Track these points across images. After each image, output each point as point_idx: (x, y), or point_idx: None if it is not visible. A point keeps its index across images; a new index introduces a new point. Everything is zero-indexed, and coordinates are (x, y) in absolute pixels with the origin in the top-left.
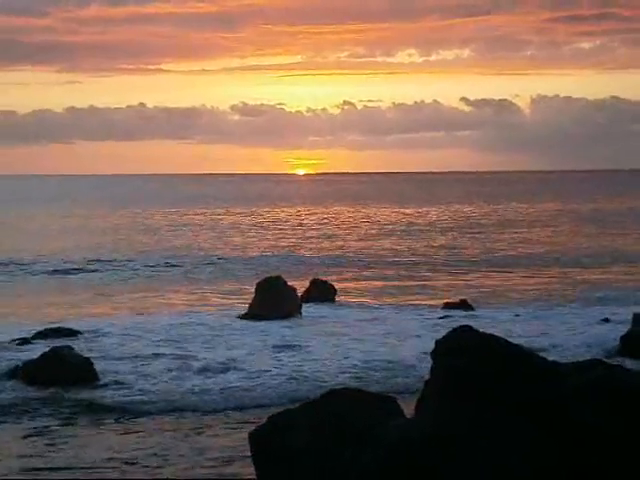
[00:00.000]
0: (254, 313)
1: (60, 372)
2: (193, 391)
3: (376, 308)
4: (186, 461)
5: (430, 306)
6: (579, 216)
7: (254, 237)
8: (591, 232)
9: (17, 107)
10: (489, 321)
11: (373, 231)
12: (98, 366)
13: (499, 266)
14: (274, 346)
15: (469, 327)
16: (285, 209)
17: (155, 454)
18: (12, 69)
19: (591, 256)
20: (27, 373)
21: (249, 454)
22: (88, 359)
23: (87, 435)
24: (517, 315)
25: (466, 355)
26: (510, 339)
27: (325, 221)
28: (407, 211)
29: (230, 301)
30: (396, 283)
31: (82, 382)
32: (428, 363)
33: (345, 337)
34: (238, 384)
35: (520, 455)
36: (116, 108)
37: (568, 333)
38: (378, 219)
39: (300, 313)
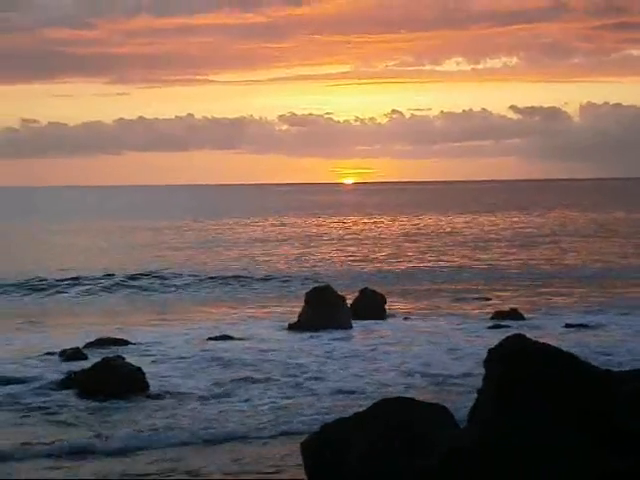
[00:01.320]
0: (304, 324)
1: (112, 382)
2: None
3: (426, 318)
4: None
5: (480, 315)
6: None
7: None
8: None
9: (67, 119)
10: (540, 330)
11: (421, 242)
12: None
13: (549, 277)
14: (343, 357)
15: (521, 335)
16: (339, 218)
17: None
18: (62, 81)
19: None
20: (79, 383)
21: (300, 463)
22: (140, 369)
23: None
24: (568, 324)
25: (519, 363)
26: (562, 347)
27: (374, 231)
28: (458, 220)
29: (275, 312)
30: (445, 293)
31: (133, 392)
32: (481, 372)
33: (397, 346)
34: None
35: (572, 463)
36: (165, 119)
37: (620, 342)
38: (426, 229)
39: (350, 323)
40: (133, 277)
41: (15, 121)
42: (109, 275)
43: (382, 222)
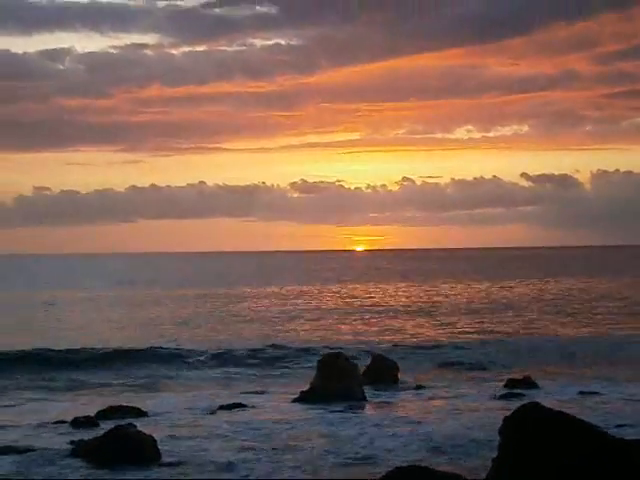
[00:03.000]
0: (316, 392)
1: (123, 450)
2: None
3: (439, 387)
4: None
5: (494, 383)
6: None
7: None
8: None
9: (79, 187)
10: (554, 397)
11: (433, 309)
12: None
13: (561, 346)
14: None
15: (536, 403)
16: (352, 286)
17: None
18: (74, 149)
19: None
20: (89, 451)
21: None
22: (152, 437)
23: None
24: (581, 392)
25: (534, 431)
26: (576, 415)
27: (386, 299)
28: (469, 288)
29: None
30: (457, 361)
31: (145, 461)
32: (496, 440)
33: (410, 416)
34: None
35: None
36: (177, 186)
37: (635, 410)
38: (438, 297)
39: (363, 392)
40: (148, 349)
41: (27, 189)
42: (126, 350)
43: (393, 290)
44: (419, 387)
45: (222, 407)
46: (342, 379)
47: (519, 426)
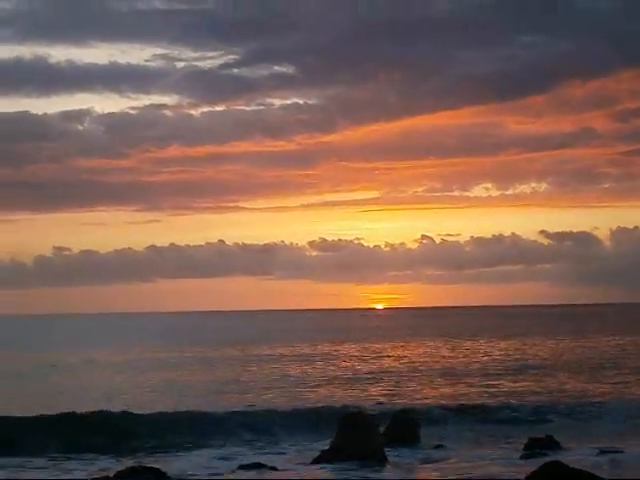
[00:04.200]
0: (336, 451)
1: None
2: None
3: (459, 446)
4: None
5: (515, 443)
6: None
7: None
8: None
9: (98, 246)
10: (575, 456)
11: (454, 368)
12: None
13: (581, 405)
14: None
15: (558, 462)
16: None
17: None
18: (93, 209)
19: None
20: None
21: None
22: None
23: None
24: (602, 451)
25: None
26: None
27: (406, 358)
28: (489, 346)
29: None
30: (478, 420)
31: None
32: None
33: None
34: None
35: None
36: (196, 245)
37: None
38: (457, 355)
39: (383, 452)
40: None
41: (47, 249)
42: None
43: (411, 348)
44: (439, 447)
45: (242, 467)
46: (362, 438)
47: None
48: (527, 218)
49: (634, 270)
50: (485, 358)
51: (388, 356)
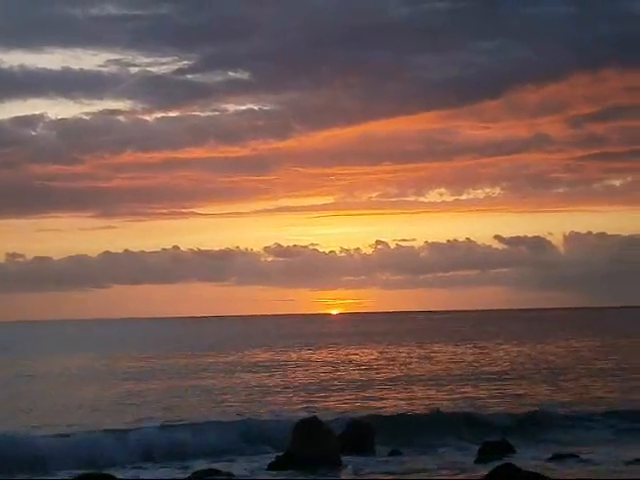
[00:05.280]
0: (291, 457)
1: None
2: None
3: (413, 452)
4: None
5: (469, 447)
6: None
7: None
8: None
9: (52, 253)
10: (528, 460)
11: (410, 374)
12: None
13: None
14: None
15: (511, 465)
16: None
17: None
18: (47, 216)
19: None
20: None
21: None
22: None
23: None
24: (559, 455)
25: None
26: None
27: (361, 363)
28: (446, 350)
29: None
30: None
31: None
32: None
33: None
34: None
35: None
36: (150, 252)
37: (611, 472)
38: (413, 360)
39: (339, 458)
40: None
41: (0, 256)
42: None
43: (368, 354)
44: (395, 452)
45: (196, 473)
46: (317, 444)
47: None
48: (481, 223)
49: (586, 275)
50: (440, 364)
51: (344, 362)
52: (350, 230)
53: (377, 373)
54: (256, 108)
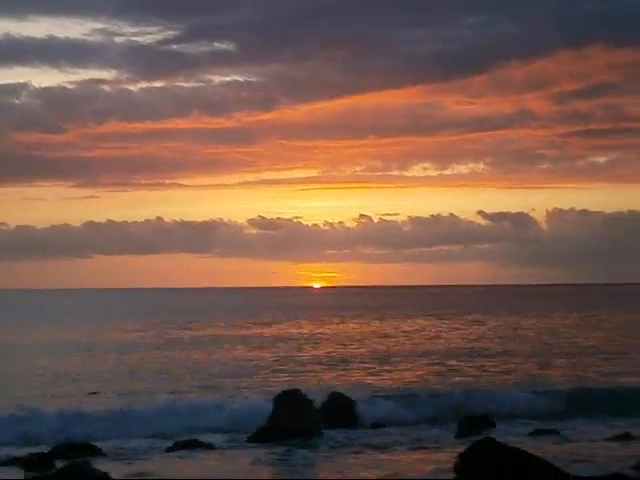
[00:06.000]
0: (272, 428)
1: None
2: None
3: (396, 424)
4: None
5: (451, 422)
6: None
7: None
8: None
9: (35, 222)
10: (510, 435)
11: (395, 347)
12: None
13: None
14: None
15: (491, 439)
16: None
17: None
18: (30, 185)
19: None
20: None
21: None
22: (107, 474)
23: None
24: (538, 430)
25: (489, 467)
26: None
27: (342, 335)
28: (444, 325)
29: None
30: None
31: None
32: (451, 477)
33: (365, 454)
34: None
35: None
36: (133, 222)
37: (591, 449)
38: (401, 333)
39: (320, 429)
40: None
41: None
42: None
43: (348, 325)
44: (376, 425)
45: (177, 444)
46: (298, 415)
47: (473, 462)
48: (465, 198)
49: (569, 252)
50: (427, 340)
51: (327, 337)
52: (334, 204)
53: (357, 348)
54: (241, 80)
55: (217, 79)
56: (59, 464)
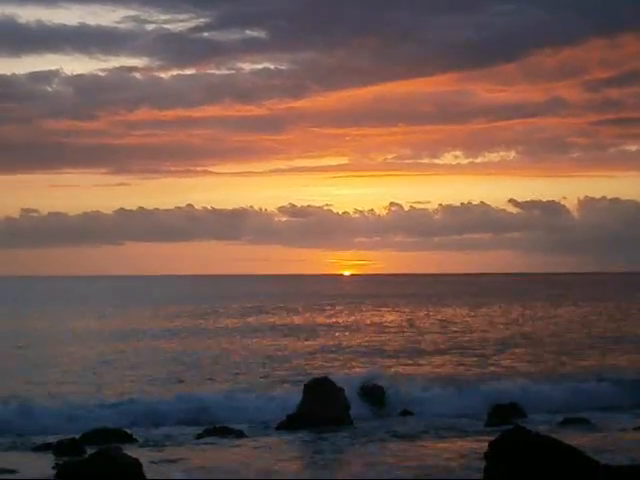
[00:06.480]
0: (301, 416)
1: (107, 474)
2: None
3: (425, 412)
4: None
5: (480, 408)
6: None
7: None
8: None
9: (67, 209)
10: (540, 424)
11: (427, 334)
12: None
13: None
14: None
15: (522, 427)
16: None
17: None
18: (62, 172)
19: None
20: (74, 475)
21: None
22: (137, 460)
23: None
24: (567, 418)
25: (519, 455)
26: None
27: (374, 323)
28: (459, 312)
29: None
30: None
31: None
32: (481, 465)
33: (394, 442)
34: None
35: None
36: (164, 209)
37: (619, 439)
38: (430, 321)
39: (350, 417)
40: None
41: (15, 211)
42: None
43: (381, 314)
44: (406, 414)
45: (207, 431)
46: (327, 403)
47: (504, 450)
48: (496, 187)
49: (600, 240)
50: (461, 329)
51: (364, 324)
52: (364, 191)
53: (392, 338)
54: (272, 67)
55: (248, 67)
56: (90, 450)
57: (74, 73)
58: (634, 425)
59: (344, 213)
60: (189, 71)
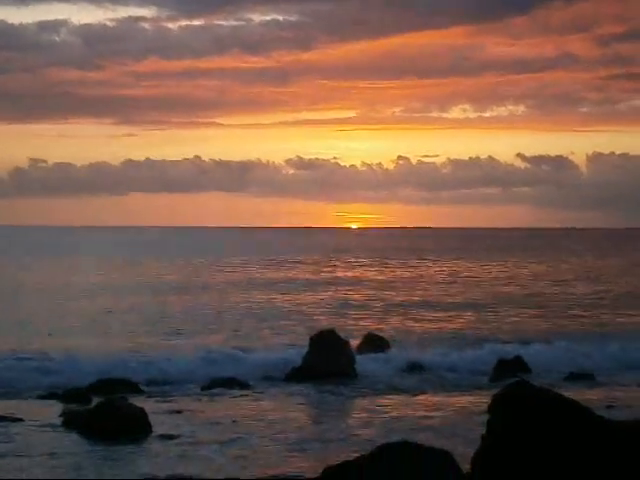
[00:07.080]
0: (306, 369)
1: (113, 422)
2: None
3: (428, 365)
4: None
5: (485, 359)
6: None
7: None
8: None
9: (74, 160)
10: (543, 378)
11: (431, 289)
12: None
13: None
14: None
15: (524, 381)
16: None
17: None
18: (69, 122)
19: None
20: (80, 423)
21: None
22: (142, 409)
23: None
24: (573, 373)
25: (522, 409)
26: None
27: (380, 279)
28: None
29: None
30: (449, 340)
31: (135, 433)
32: (484, 419)
33: (398, 393)
34: None
35: None
36: (172, 161)
37: (623, 395)
38: (431, 274)
39: (354, 369)
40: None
41: (23, 160)
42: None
43: (388, 268)
44: (412, 368)
45: (214, 381)
46: (333, 355)
47: (506, 403)
48: (504, 141)
49: (608, 196)
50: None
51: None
52: (372, 144)
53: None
54: (281, 19)
55: (257, 18)
56: (96, 400)
57: (82, 23)
58: (639, 381)
59: (351, 166)
60: (197, 22)
